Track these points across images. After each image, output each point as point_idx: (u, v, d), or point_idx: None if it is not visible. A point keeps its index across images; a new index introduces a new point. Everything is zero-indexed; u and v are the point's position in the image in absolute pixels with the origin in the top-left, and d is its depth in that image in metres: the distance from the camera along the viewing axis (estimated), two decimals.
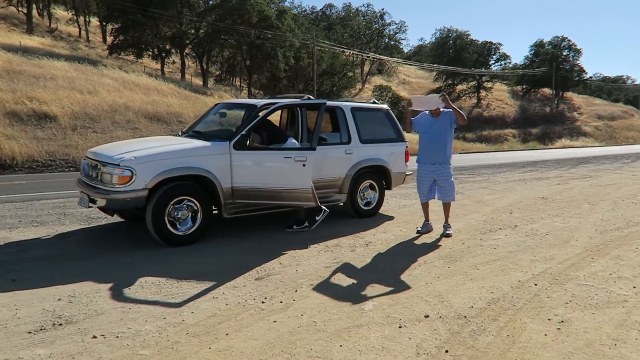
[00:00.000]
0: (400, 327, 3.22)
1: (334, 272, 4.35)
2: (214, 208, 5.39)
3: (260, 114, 5.61)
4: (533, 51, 66.88)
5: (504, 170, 14.99)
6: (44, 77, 18.95)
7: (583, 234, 5.94)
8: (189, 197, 5.08)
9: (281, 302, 3.63)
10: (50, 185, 9.92)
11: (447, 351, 2.90)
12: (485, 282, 4.15)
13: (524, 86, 66.58)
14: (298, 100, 5.99)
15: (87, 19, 44.31)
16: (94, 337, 3.01)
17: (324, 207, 5.82)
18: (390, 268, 4.53)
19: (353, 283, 4.08)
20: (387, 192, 7.33)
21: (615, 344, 3.02)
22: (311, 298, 3.72)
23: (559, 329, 3.23)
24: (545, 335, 3.14)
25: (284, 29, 36.57)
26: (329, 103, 6.58)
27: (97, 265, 4.48)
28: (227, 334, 3.08)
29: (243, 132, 5.37)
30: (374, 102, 7.29)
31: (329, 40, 46.77)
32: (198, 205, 5.14)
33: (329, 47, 43.62)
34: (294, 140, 5.79)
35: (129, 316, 3.33)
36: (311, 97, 6.25)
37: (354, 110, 6.69)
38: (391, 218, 6.84)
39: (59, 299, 3.61)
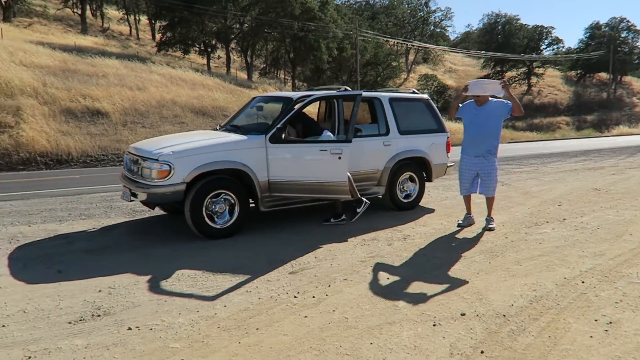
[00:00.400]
0: (434, 325, 3.12)
1: (369, 267, 4.27)
2: (251, 201, 5.42)
3: (296, 106, 5.58)
4: (588, 34, 63.45)
5: (555, 160, 14.33)
6: (96, 75, 19.72)
7: (638, 228, 5.56)
8: (226, 191, 5.13)
9: (313, 297, 3.60)
10: (101, 179, 10.34)
11: (482, 352, 2.77)
12: (528, 278, 3.96)
13: (579, 71, 63.33)
14: (334, 92, 5.92)
15: (137, 18, 45.83)
16: (129, 328, 3.09)
17: (364, 199, 5.74)
18: (427, 263, 4.41)
19: (388, 278, 3.99)
20: (428, 184, 7.14)
21: None
22: (344, 293, 3.66)
23: (606, 330, 3.03)
24: (591, 337, 2.95)
25: (326, 20, 36.41)
26: (367, 94, 6.46)
27: (138, 257, 4.60)
28: (257, 329, 3.07)
29: (279, 126, 5.36)
30: (413, 92, 7.10)
31: (373, 30, 46.20)
32: (235, 198, 5.18)
33: (372, 36, 43.09)
34: (329, 133, 5.72)
35: (164, 309, 3.40)
36: (348, 88, 6.16)
37: (392, 100, 6.54)
38: (432, 211, 6.67)
39: (100, 291, 3.73)
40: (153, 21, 41.88)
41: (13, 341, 2.91)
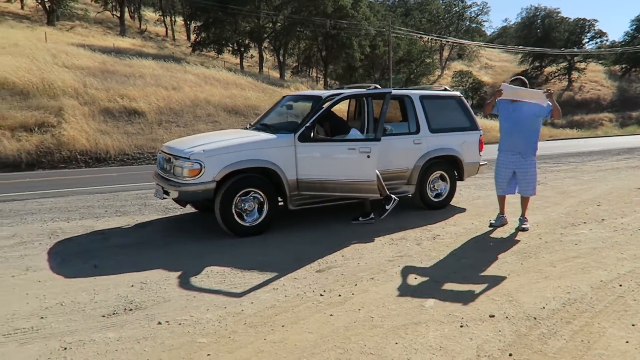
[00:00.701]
0: (461, 326, 3.07)
1: (397, 267, 4.24)
2: (279, 200, 5.46)
3: (325, 105, 5.58)
4: (634, 26, 60.67)
5: (595, 158, 13.82)
6: (133, 75, 20.27)
7: None
8: (255, 189, 5.19)
9: (340, 295, 3.60)
10: (137, 177, 10.62)
11: (510, 354, 2.71)
12: (562, 281, 3.84)
13: (623, 65, 60.70)
14: (363, 90, 5.89)
15: (173, 19, 46.81)
16: (159, 323, 3.17)
17: (393, 197, 5.68)
18: (457, 263, 4.34)
19: (415, 278, 3.95)
20: (459, 183, 7.01)
21: None
22: (370, 292, 3.65)
23: None
24: (627, 342, 2.84)
25: (359, 18, 36.23)
26: (396, 92, 6.40)
27: (169, 253, 4.71)
28: (283, 326, 3.10)
29: (307, 124, 5.37)
30: (445, 90, 6.98)
31: (406, 27, 45.69)
32: (264, 196, 5.23)
33: (405, 33, 42.63)
34: (357, 131, 5.70)
35: (193, 304, 3.47)
36: (378, 86, 6.11)
37: (422, 98, 6.46)
38: (463, 210, 6.55)
39: (132, 285, 3.84)
40: (188, 22, 42.72)
41: (51, 332, 3.04)
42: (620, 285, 3.72)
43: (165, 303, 3.50)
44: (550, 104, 5.05)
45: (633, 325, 3.05)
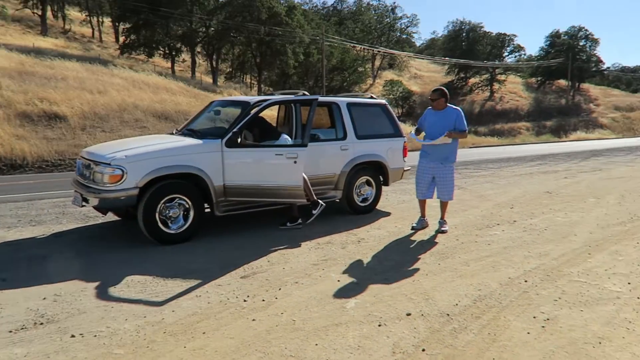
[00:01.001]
0: (379, 325, 3.18)
1: (321, 270, 4.32)
2: (206, 206, 5.39)
3: (253, 111, 5.59)
4: (548, 42, 65.83)
5: (512, 164, 14.78)
6: (55, 77, 19.18)
7: (583, 229, 5.82)
8: (180, 195, 5.09)
9: (263, 300, 3.62)
10: (56, 184, 10.04)
11: (423, 350, 2.85)
12: (474, 279, 4.08)
13: (539, 78, 65.57)
14: (291, 96, 5.96)
15: (101, 20, 44.80)
16: (72, 336, 3.03)
17: (320, 202, 5.80)
18: (379, 265, 4.49)
19: (338, 281, 4.05)
20: (387, 188, 7.27)
21: (600, 342, 2.94)
22: (294, 296, 3.69)
23: (543, 327, 3.16)
24: (528, 333, 3.07)
25: (293, 25, 36.53)
26: (324, 99, 6.54)
27: (87, 263, 4.51)
28: (204, 333, 3.07)
29: (235, 130, 5.36)
30: (371, 97, 7.21)
31: (340, 36, 46.58)
32: (190, 203, 5.14)
33: (339, 42, 43.46)
34: (287, 137, 5.76)
35: (110, 315, 3.35)
36: (306, 93, 6.21)
37: (350, 105, 6.63)
38: (388, 214, 6.78)
39: (44, 298, 3.64)
40: (117, 23, 41.04)
41: None
42: (526, 281, 4.02)
43: (80, 315, 3.35)
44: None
45: (534, 317, 3.31)
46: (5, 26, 35.29)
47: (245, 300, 3.61)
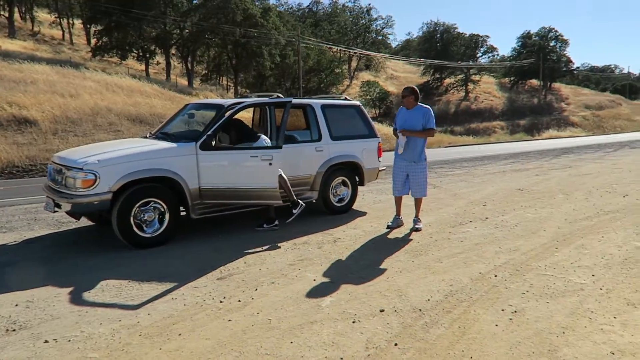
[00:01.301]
0: (354, 322, 3.25)
1: (298, 270, 4.37)
2: (181, 209, 5.39)
3: (227, 113, 5.61)
4: (520, 43, 67.25)
5: (486, 162, 15.08)
6: (24, 81, 18.78)
7: (552, 224, 6.00)
8: (155, 199, 5.07)
9: (239, 300, 3.65)
10: (27, 190, 9.85)
11: (396, 344, 2.93)
12: (446, 275, 4.19)
13: (512, 78, 66.94)
14: (265, 99, 6.00)
15: (71, 22, 43.93)
16: (46, 341, 3.01)
17: (301, 202, 5.86)
18: (354, 264, 4.56)
19: (314, 280, 4.10)
20: (363, 188, 7.36)
21: (564, 332, 3.07)
22: (270, 296, 3.74)
23: (511, 319, 3.27)
24: (496, 325, 3.18)
25: (269, 27, 36.51)
26: (298, 101, 6.60)
27: (60, 269, 4.47)
28: (180, 334, 3.09)
29: (209, 133, 5.37)
30: (345, 99, 7.30)
31: (316, 37, 46.74)
32: (165, 206, 5.13)
33: (315, 43, 43.59)
34: (266, 138, 5.80)
35: (85, 319, 3.34)
36: (280, 95, 6.26)
37: (324, 107, 6.71)
38: (364, 214, 6.87)
39: (16, 305, 3.60)
40: (88, 25, 40.33)
41: None
42: (496, 276, 4.14)
43: (53, 320, 3.33)
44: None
45: (502, 310, 3.42)
46: None
47: (221, 302, 3.63)
